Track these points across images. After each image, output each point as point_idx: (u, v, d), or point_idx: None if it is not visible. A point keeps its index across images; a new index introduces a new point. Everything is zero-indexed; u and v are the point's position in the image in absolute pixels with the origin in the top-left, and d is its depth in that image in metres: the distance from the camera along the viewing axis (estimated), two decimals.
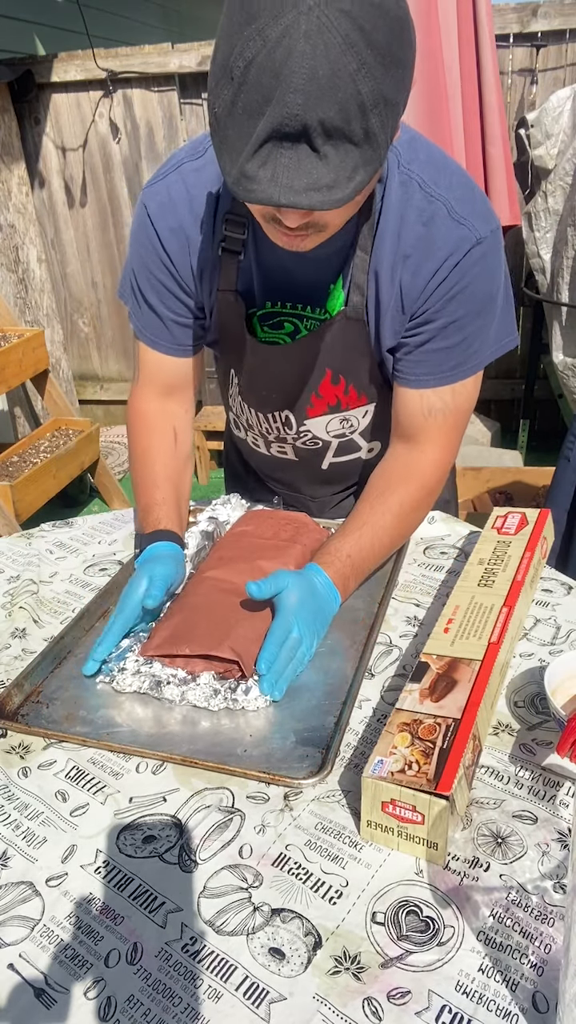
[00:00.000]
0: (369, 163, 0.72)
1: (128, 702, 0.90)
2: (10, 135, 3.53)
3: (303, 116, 0.67)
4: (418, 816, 0.69)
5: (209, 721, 0.86)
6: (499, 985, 0.60)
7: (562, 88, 2.80)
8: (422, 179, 0.92)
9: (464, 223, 0.92)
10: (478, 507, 2.70)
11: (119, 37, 4.46)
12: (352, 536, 1.01)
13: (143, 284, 1.06)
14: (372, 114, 0.69)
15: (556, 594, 1.07)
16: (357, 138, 0.69)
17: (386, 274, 0.96)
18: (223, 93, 0.70)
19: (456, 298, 0.95)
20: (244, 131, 0.69)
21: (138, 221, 1.03)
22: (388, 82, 0.69)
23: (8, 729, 0.87)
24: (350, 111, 0.67)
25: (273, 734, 0.84)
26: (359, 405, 1.11)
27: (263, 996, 0.60)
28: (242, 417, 1.21)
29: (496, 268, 0.97)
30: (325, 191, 0.70)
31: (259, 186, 0.71)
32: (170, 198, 1.00)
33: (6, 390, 3.04)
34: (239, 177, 0.71)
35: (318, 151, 0.69)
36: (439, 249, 0.92)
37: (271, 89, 0.66)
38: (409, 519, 1.06)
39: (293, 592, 0.93)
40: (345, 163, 0.70)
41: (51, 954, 0.64)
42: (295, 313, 1.04)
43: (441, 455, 1.06)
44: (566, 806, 0.75)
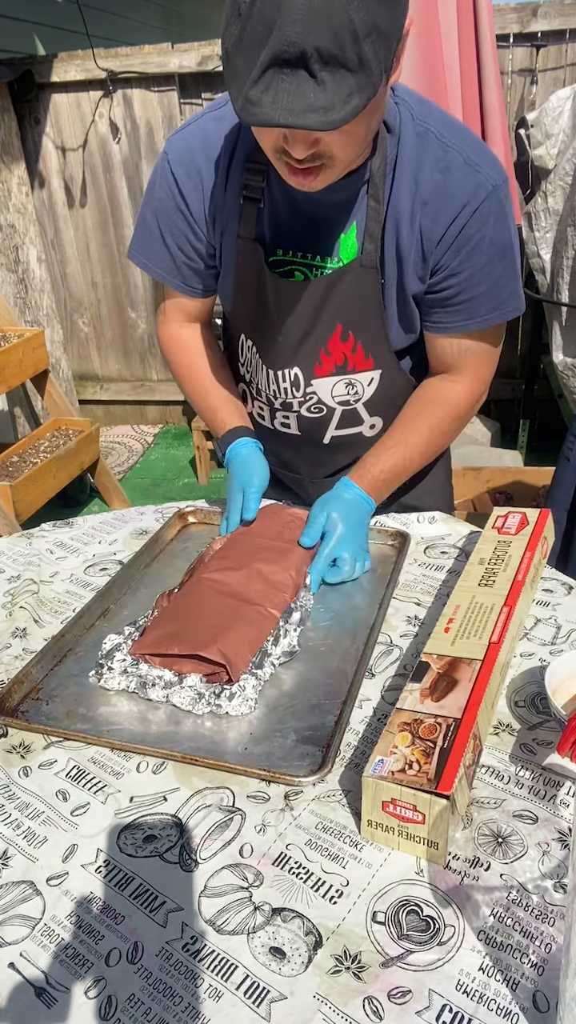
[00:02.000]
0: (364, 89, 0.77)
1: (128, 700, 0.90)
2: (10, 135, 3.53)
3: (300, 43, 0.73)
4: (419, 815, 0.69)
5: (210, 720, 0.86)
6: (500, 984, 0.60)
7: (562, 88, 2.79)
8: (439, 131, 0.98)
9: (480, 171, 0.98)
10: (478, 507, 2.70)
11: (119, 37, 4.47)
12: (386, 454, 1.14)
13: (163, 225, 1.12)
14: (365, 42, 0.74)
15: (556, 594, 1.07)
16: (352, 64, 0.75)
17: (406, 221, 1.00)
18: (232, 28, 0.76)
19: (479, 246, 1.00)
20: (249, 61, 0.75)
21: (159, 167, 1.10)
22: (380, 12, 0.75)
23: (8, 726, 0.87)
24: (343, 38, 0.73)
25: (274, 733, 0.84)
26: (365, 368, 1.14)
27: (264, 995, 0.60)
28: (252, 385, 1.24)
29: (510, 213, 1.03)
30: (322, 112, 0.76)
31: (261, 109, 0.76)
32: (188, 145, 1.06)
33: (6, 390, 3.04)
34: (244, 103, 0.77)
35: (315, 76, 0.74)
36: (457, 196, 0.98)
37: (272, 20, 0.73)
38: (438, 441, 1.18)
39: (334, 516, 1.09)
40: (341, 87, 0.75)
41: (52, 953, 0.64)
42: (305, 262, 1.07)
43: (474, 384, 1.15)
44: (566, 806, 0.75)
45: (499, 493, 2.70)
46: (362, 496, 1.12)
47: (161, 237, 1.13)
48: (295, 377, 1.16)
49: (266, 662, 0.92)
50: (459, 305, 1.06)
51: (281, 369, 1.16)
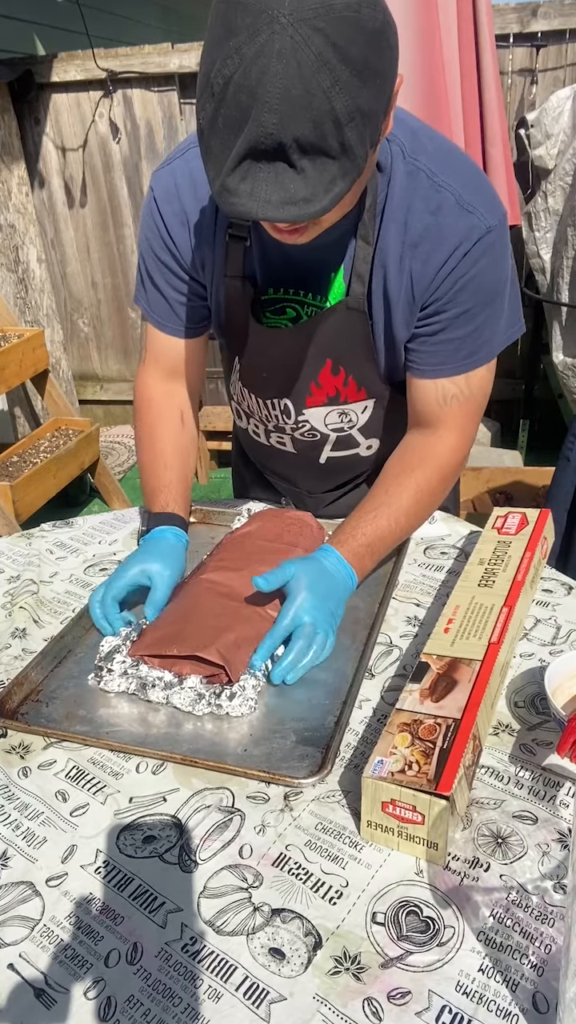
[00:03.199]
0: (347, 174, 0.73)
1: (128, 702, 0.90)
2: (10, 135, 3.53)
3: (278, 135, 0.68)
4: (418, 816, 0.68)
5: (210, 721, 0.86)
6: (499, 985, 0.60)
7: (562, 88, 2.80)
8: (429, 169, 0.93)
9: (473, 212, 0.92)
10: (478, 507, 2.70)
11: (119, 37, 4.47)
12: (368, 516, 1.02)
13: (150, 265, 1.09)
14: (348, 128, 0.70)
15: (556, 594, 1.07)
16: (334, 151, 0.70)
17: (394, 264, 0.96)
18: (206, 106, 0.72)
19: (467, 287, 0.95)
20: (225, 145, 0.71)
21: (146, 204, 1.07)
22: (364, 95, 0.70)
23: (8, 728, 0.87)
24: (325, 127, 0.69)
25: (273, 734, 0.84)
26: (358, 399, 1.11)
27: (263, 996, 0.60)
28: (243, 404, 1.22)
29: (504, 256, 0.97)
30: (303, 204, 0.72)
31: (239, 199, 0.73)
32: (174, 183, 1.02)
33: (6, 390, 3.04)
34: (221, 190, 0.73)
35: (295, 166, 0.70)
36: (448, 238, 0.93)
37: (248, 107, 0.68)
38: (425, 502, 1.06)
39: (301, 580, 0.93)
40: (323, 176, 0.72)
41: (51, 954, 0.64)
42: (297, 299, 1.05)
43: (458, 440, 1.07)
44: (566, 806, 0.74)
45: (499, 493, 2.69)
46: (342, 564, 0.98)
47: (152, 280, 1.09)
48: (285, 406, 1.14)
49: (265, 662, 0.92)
50: (437, 346, 1.00)
51: (270, 399, 1.14)
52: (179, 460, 1.15)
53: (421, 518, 1.08)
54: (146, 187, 3.73)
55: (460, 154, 0.98)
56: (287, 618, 0.91)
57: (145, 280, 1.11)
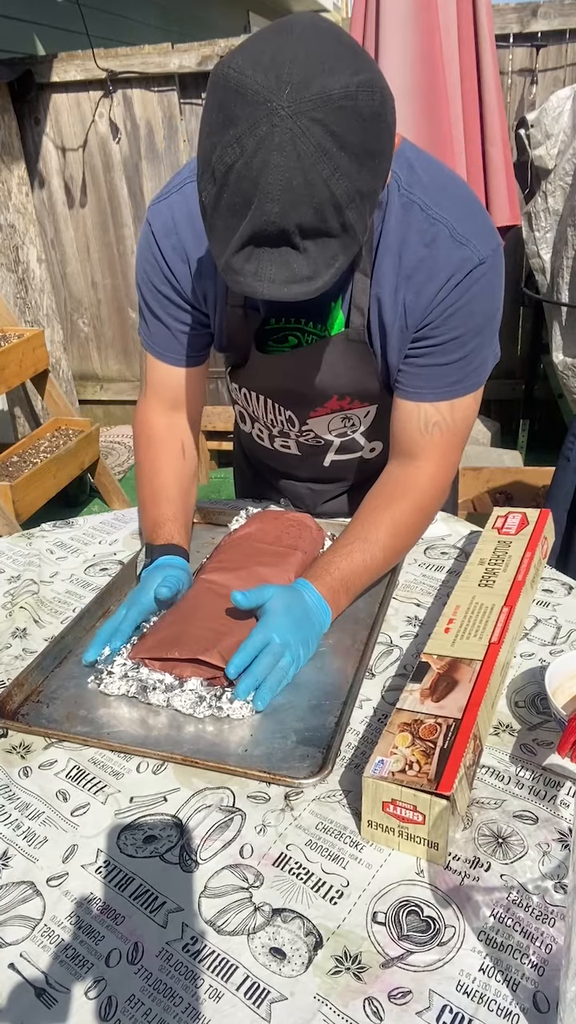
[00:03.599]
0: (348, 249, 0.76)
1: (128, 703, 0.90)
2: (10, 135, 3.53)
3: (280, 223, 0.71)
4: (419, 816, 0.69)
5: (211, 722, 0.86)
6: (500, 985, 0.60)
7: (562, 88, 2.80)
8: (424, 201, 0.93)
9: (466, 244, 0.93)
10: (478, 507, 2.70)
11: (119, 37, 4.47)
12: (343, 551, 1.00)
13: (148, 297, 1.08)
14: (348, 209, 0.72)
15: (557, 594, 1.07)
16: (335, 232, 0.73)
17: (388, 296, 0.97)
18: (209, 188, 0.74)
19: (457, 315, 0.96)
20: (228, 226, 0.74)
21: (143, 238, 1.06)
22: (364, 177, 0.72)
23: (9, 728, 0.87)
24: (326, 211, 0.71)
25: (274, 734, 0.84)
26: (362, 407, 1.13)
27: (264, 996, 0.60)
28: (248, 408, 1.22)
29: (497, 287, 0.98)
30: (306, 282, 0.75)
31: (244, 279, 0.76)
32: (172, 218, 1.02)
33: (6, 390, 3.04)
34: (226, 268, 0.76)
35: (298, 248, 0.73)
36: (442, 270, 0.93)
37: (250, 196, 0.70)
38: (402, 536, 1.04)
39: (278, 602, 0.92)
40: (324, 254, 0.75)
41: (52, 954, 0.64)
42: (298, 328, 1.05)
43: (437, 470, 1.05)
44: (567, 806, 0.75)
45: (499, 493, 2.70)
46: (317, 599, 0.96)
47: (152, 312, 1.09)
48: (289, 416, 1.15)
49: None
50: (424, 369, 1.00)
51: (277, 405, 1.15)
52: (181, 495, 1.14)
53: (399, 551, 1.06)
54: (146, 187, 3.73)
55: (457, 184, 0.98)
56: (259, 634, 0.89)
57: (145, 312, 1.11)
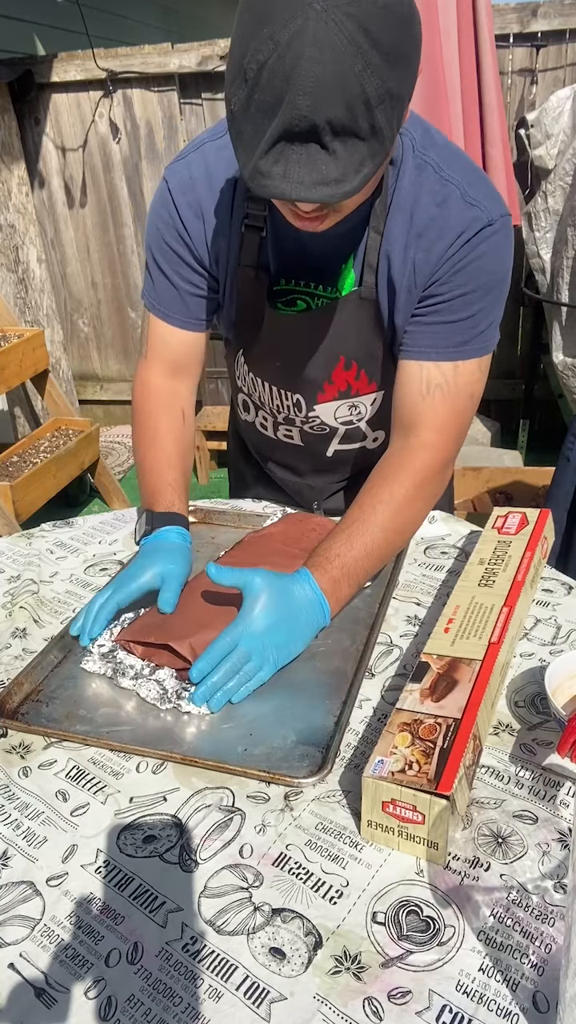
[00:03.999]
0: (376, 155, 0.75)
1: (128, 701, 0.90)
2: (10, 135, 3.53)
3: (312, 117, 0.70)
4: (418, 816, 0.69)
5: (209, 721, 0.86)
6: (500, 985, 0.60)
7: (562, 88, 2.80)
8: (437, 163, 0.95)
9: (476, 205, 0.95)
10: (478, 507, 2.70)
11: (119, 37, 4.46)
12: (342, 537, 0.97)
13: (159, 256, 1.09)
14: (378, 110, 0.72)
15: (556, 594, 1.07)
16: (364, 133, 0.73)
17: (399, 253, 0.98)
18: (239, 92, 0.74)
19: (464, 271, 0.96)
20: (258, 129, 0.73)
21: (158, 196, 1.07)
22: (393, 79, 0.72)
23: (8, 728, 0.87)
24: (356, 109, 0.71)
25: (273, 733, 0.84)
26: (368, 392, 1.13)
27: (264, 996, 0.60)
28: (253, 396, 1.22)
29: (506, 251, 0.99)
30: (334, 184, 0.74)
31: (272, 182, 0.75)
32: (190, 176, 1.03)
33: (6, 390, 3.04)
34: (254, 172, 0.75)
35: (327, 147, 0.73)
36: (452, 228, 0.95)
37: (282, 92, 0.70)
38: (405, 516, 1.00)
39: (260, 597, 0.89)
40: (353, 157, 0.74)
41: (51, 954, 0.64)
42: (308, 291, 1.06)
43: (437, 439, 1.02)
44: (566, 806, 0.75)
45: (499, 493, 2.70)
46: (315, 593, 0.93)
47: (160, 270, 1.09)
48: (297, 400, 1.15)
49: None
50: (428, 327, 0.99)
51: (283, 390, 1.15)
52: (181, 460, 1.14)
53: (402, 531, 1.02)
54: (146, 187, 3.73)
55: (466, 156, 1.01)
56: (227, 636, 0.87)
57: (154, 271, 1.10)
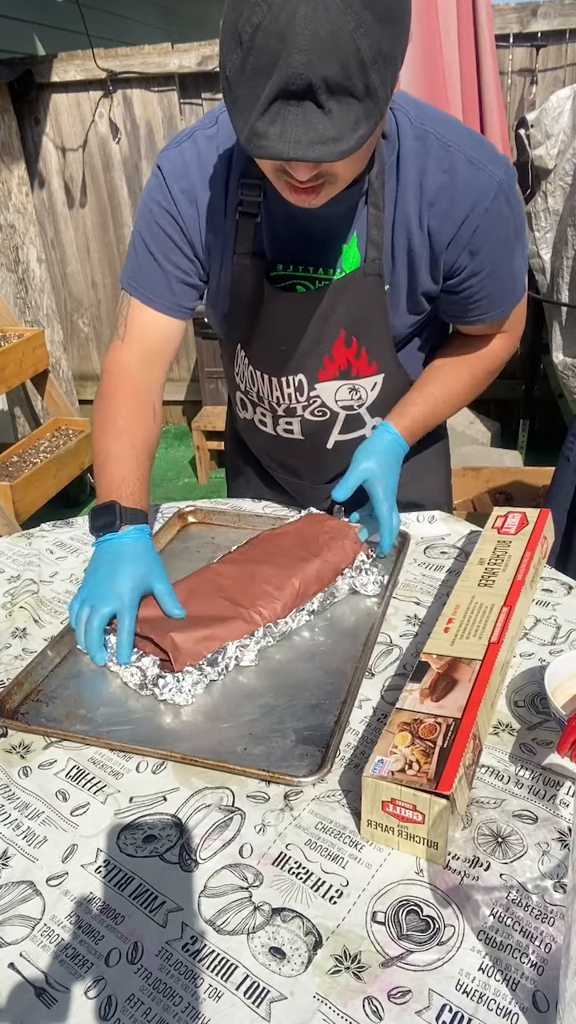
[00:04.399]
0: (371, 116, 0.76)
1: (128, 700, 0.90)
2: (10, 135, 3.53)
3: (307, 75, 0.71)
4: (418, 815, 0.69)
5: (209, 720, 0.86)
6: (499, 984, 0.60)
7: (562, 88, 2.80)
8: (437, 131, 0.97)
9: (483, 168, 0.97)
10: (478, 507, 2.70)
11: (119, 37, 4.47)
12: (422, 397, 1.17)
13: (150, 239, 1.08)
14: (372, 69, 0.73)
15: (556, 594, 1.07)
16: (359, 92, 0.74)
17: (415, 223, 1.00)
18: (233, 57, 0.74)
19: (494, 246, 1.01)
20: (254, 91, 0.74)
21: (152, 182, 1.07)
22: (385, 38, 0.73)
23: (8, 727, 0.87)
24: (351, 67, 0.72)
25: (273, 733, 0.84)
26: (368, 374, 1.14)
27: (264, 995, 0.60)
28: (252, 392, 1.22)
29: (517, 203, 1.03)
30: (331, 143, 0.75)
31: (269, 142, 0.75)
32: (183, 162, 1.03)
33: (6, 390, 3.04)
34: (250, 135, 0.76)
35: (323, 107, 0.73)
36: (464, 196, 0.98)
37: (277, 51, 0.71)
38: (473, 392, 1.22)
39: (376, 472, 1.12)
40: (348, 116, 0.75)
41: (52, 953, 0.64)
42: (307, 276, 1.06)
43: (509, 337, 1.21)
44: (566, 806, 0.75)
45: (499, 493, 2.70)
46: (398, 441, 1.15)
47: (150, 253, 1.08)
48: (299, 383, 1.15)
49: (221, 662, 0.92)
50: (480, 301, 1.08)
51: (284, 376, 1.15)
52: (149, 457, 1.11)
53: (461, 406, 1.24)
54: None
55: (460, 122, 1.04)
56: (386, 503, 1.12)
57: (142, 254, 1.09)
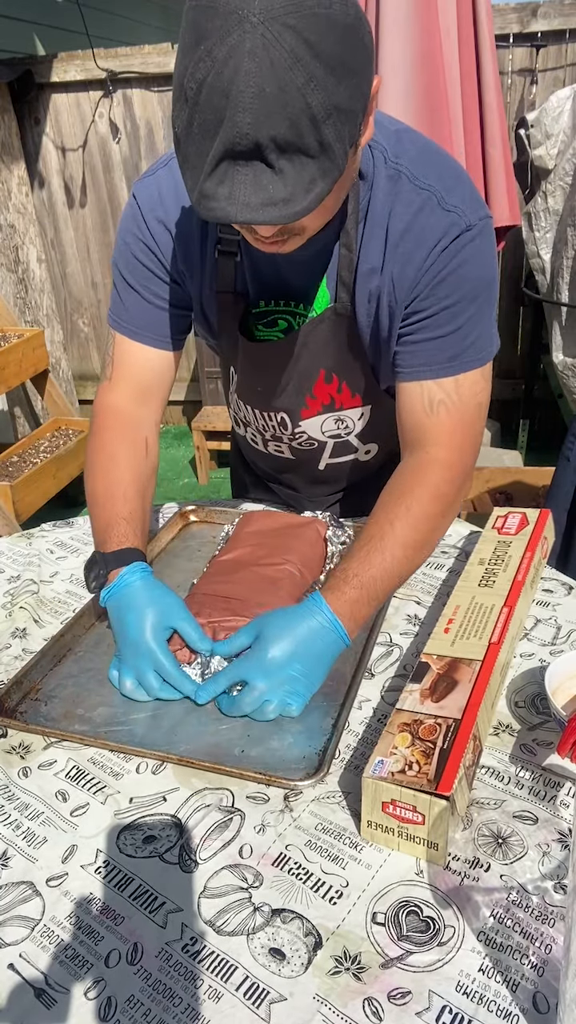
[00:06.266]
0: (327, 173, 0.71)
1: (128, 701, 0.90)
2: (10, 135, 3.53)
3: (253, 134, 0.67)
4: (418, 816, 0.68)
5: (208, 721, 0.86)
6: (499, 985, 0.60)
7: (562, 88, 2.80)
8: (411, 172, 0.92)
9: (453, 211, 0.91)
10: (478, 507, 2.70)
11: (119, 37, 4.47)
12: (359, 556, 0.93)
13: (128, 272, 1.05)
14: (325, 125, 0.68)
15: (556, 594, 1.07)
16: (312, 150, 0.69)
17: (377, 267, 0.95)
18: (181, 113, 0.70)
19: (446, 281, 0.93)
20: (201, 150, 0.69)
21: (128, 212, 1.04)
22: (341, 92, 0.69)
23: (6, 726, 0.87)
24: (301, 125, 0.67)
25: (271, 735, 0.84)
26: (353, 406, 1.11)
27: (263, 996, 0.60)
28: (240, 413, 1.21)
29: (489, 256, 0.95)
30: (282, 205, 0.70)
31: (217, 204, 0.71)
32: (159, 192, 1.00)
33: (6, 390, 3.04)
34: (200, 196, 0.72)
35: (273, 166, 0.69)
36: (428, 237, 0.92)
37: (222, 109, 0.67)
38: (423, 528, 0.96)
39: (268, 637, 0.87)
40: (302, 176, 0.70)
41: (51, 954, 0.64)
42: (288, 310, 1.04)
43: (448, 455, 0.98)
44: (566, 806, 0.74)
45: (499, 493, 2.69)
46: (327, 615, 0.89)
47: (129, 286, 1.05)
48: (282, 419, 1.13)
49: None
50: (418, 345, 0.97)
51: (268, 412, 1.13)
52: (138, 493, 1.04)
53: (422, 546, 0.97)
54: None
55: (444, 156, 0.96)
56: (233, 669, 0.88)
57: (122, 289, 1.06)
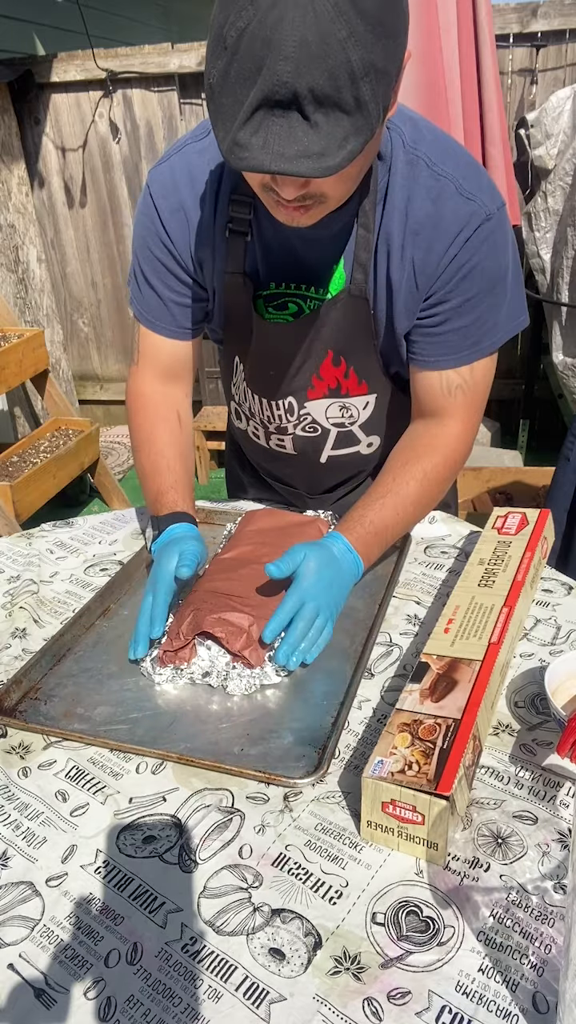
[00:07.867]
0: (360, 132, 0.72)
1: (126, 700, 0.90)
2: (10, 135, 3.53)
3: (293, 83, 0.67)
4: (418, 816, 0.68)
5: (207, 720, 0.86)
6: (499, 985, 0.60)
7: (562, 88, 2.80)
8: (429, 158, 0.93)
9: (473, 199, 0.93)
10: (478, 507, 2.70)
11: (119, 37, 4.46)
12: (375, 504, 1.02)
13: (144, 265, 1.07)
14: (363, 82, 0.69)
15: (556, 594, 1.07)
16: (348, 106, 0.69)
17: (396, 252, 0.97)
18: (217, 62, 0.70)
19: (469, 275, 0.96)
20: (237, 99, 0.70)
21: (142, 202, 1.05)
22: (379, 51, 0.69)
23: (5, 725, 0.87)
24: (340, 79, 0.68)
25: (271, 734, 0.84)
26: (359, 393, 1.12)
27: (263, 996, 0.60)
28: (244, 406, 1.22)
29: (505, 244, 0.98)
30: (316, 158, 0.70)
31: (250, 153, 0.71)
32: (172, 178, 1.01)
33: (6, 390, 3.04)
34: (231, 145, 0.71)
35: (309, 119, 0.69)
36: (449, 226, 0.93)
37: (262, 57, 0.67)
38: (433, 491, 1.06)
39: (310, 564, 0.94)
40: (336, 131, 0.70)
41: (51, 954, 0.64)
42: (299, 294, 1.04)
43: (463, 427, 1.07)
44: (566, 806, 0.74)
45: (499, 493, 2.70)
46: (350, 552, 0.98)
47: (146, 279, 1.08)
48: (289, 404, 1.14)
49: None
50: (439, 336, 1.00)
51: (276, 400, 1.14)
52: (180, 462, 1.13)
53: (427, 507, 1.08)
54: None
55: (458, 146, 0.99)
56: (292, 599, 0.92)
57: (140, 280, 1.09)
